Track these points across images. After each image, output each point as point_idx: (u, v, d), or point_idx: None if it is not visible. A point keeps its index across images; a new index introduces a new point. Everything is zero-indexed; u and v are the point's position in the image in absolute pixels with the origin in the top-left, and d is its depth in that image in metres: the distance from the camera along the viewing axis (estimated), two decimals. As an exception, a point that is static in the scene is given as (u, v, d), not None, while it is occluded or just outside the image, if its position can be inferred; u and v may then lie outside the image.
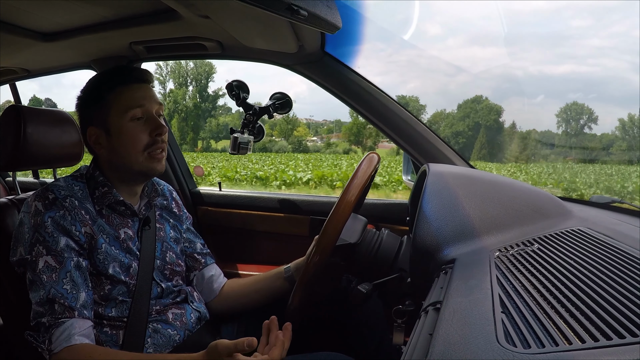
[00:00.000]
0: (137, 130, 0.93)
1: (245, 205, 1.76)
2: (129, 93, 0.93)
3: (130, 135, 0.92)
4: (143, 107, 0.93)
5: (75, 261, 0.86)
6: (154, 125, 0.94)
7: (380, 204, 1.59)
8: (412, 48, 32.14)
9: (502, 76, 24.95)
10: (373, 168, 0.97)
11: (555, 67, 23.66)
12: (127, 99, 0.93)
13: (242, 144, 1.35)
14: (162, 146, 0.96)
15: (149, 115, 0.94)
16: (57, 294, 0.82)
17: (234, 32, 1.18)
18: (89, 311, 0.85)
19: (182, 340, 0.97)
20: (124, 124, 0.92)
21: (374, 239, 1.03)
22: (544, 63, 24.65)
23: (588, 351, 0.38)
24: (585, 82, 21.06)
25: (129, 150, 0.93)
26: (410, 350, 0.49)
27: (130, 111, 0.92)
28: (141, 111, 0.93)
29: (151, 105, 0.94)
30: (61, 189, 0.91)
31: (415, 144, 1.40)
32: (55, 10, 1.14)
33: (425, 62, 29.93)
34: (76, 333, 0.81)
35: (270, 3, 0.75)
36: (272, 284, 1.12)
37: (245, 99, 1.37)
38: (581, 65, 22.85)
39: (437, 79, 26.92)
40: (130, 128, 0.92)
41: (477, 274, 0.62)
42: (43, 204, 0.88)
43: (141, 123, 0.93)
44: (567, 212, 0.89)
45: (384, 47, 34.19)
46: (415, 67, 29.45)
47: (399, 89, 26.60)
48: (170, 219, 1.10)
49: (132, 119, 0.92)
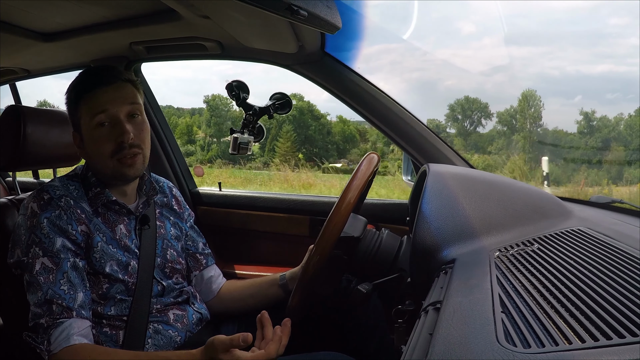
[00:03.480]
0: (102, 136, 0.90)
1: (245, 205, 1.75)
2: (94, 98, 0.91)
3: (95, 143, 0.91)
4: (106, 112, 0.90)
5: (71, 262, 0.86)
6: (119, 131, 0.90)
7: (380, 204, 1.59)
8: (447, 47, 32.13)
9: (539, 75, 24.95)
10: (373, 168, 0.97)
11: (593, 67, 23.69)
12: (92, 104, 0.91)
13: (242, 144, 1.35)
14: (132, 151, 0.91)
15: (114, 119, 0.91)
16: (54, 294, 0.82)
17: (234, 32, 1.18)
18: (87, 311, 0.85)
19: (183, 341, 0.97)
20: (91, 131, 0.91)
21: (374, 239, 1.03)
22: (581, 62, 24.78)
23: (588, 351, 0.38)
24: (623, 82, 20.98)
25: (97, 156, 0.92)
26: (410, 350, 0.49)
27: (95, 117, 0.90)
28: (105, 116, 0.90)
29: (118, 108, 0.91)
30: (56, 189, 0.90)
31: (415, 144, 1.40)
32: (55, 10, 1.14)
33: (460, 61, 30.05)
34: (75, 333, 0.81)
35: (270, 3, 0.75)
36: (267, 290, 1.12)
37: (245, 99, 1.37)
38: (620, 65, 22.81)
39: (473, 78, 26.96)
40: (96, 135, 0.91)
41: (477, 273, 0.62)
42: (38, 204, 0.87)
43: (107, 129, 0.90)
44: (567, 212, 0.89)
45: (419, 46, 34.28)
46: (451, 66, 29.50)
47: (437, 85, 26.83)
48: (170, 216, 1.10)
49: (97, 125, 0.90)
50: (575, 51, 21.28)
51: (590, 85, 20.51)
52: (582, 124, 17.37)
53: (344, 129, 18.05)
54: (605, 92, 22.02)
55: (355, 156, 16.40)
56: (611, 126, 16.95)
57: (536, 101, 18.11)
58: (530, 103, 18.05)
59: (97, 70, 0.96)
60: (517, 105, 17.98)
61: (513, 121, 18.22)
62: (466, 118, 18.76)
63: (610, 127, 16.96)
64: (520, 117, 18.04)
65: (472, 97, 19.23)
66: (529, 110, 17.78)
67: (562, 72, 20.83)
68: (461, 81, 22.38)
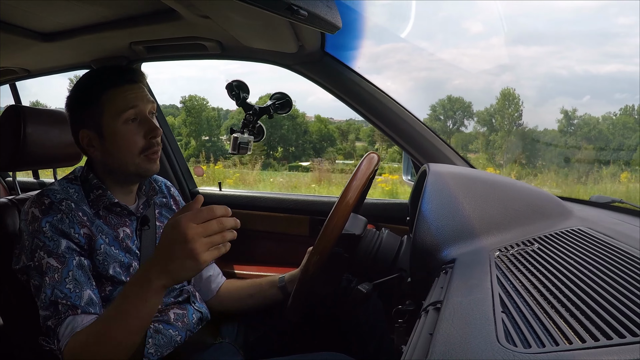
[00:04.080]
0: (132, 133, 0.91)
1: (245, 205, 1.76)
2: (122, 95, 0.91)
3: (125, 139, 0.91)
4: (136, 107, 0.91)
5: (77, 260, 0.85)
6: (148, 127, 0.92)
7: (380, 204, 1.59)
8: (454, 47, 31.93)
9: (546, 75, 24.70)
10: (373, 168, 0.97)
11: (601, 67, 23.34)
12: (120, 100, 0.91)
13: (242, 144, 1.35)
14: (158, 148, 0.95)
15: (142, 116, 0.93)
16: (59, 294, 0.82)
17: (234, 32, 1.18)
18: (95, 307, 0.84)
19: (184, 340, 0.97)
20: (118, 127, 0.91)
21: (374, 239, 1.03)
22: (589, 62, 24.45)
23: (588, 351, 0.38)
24: (631, 82, 20.64)
25: (124, 153, 0.92)
26: (411, 350, 0.49)
27: (124, 113, 0.90)
28: (134, 112, 0.91)
29: (144, 105, 0.93)
30: (56, 193, 0.90)
31: (415, 144, 1.40)
32: (55, 10, 1.14)
33: (468, 61, 29.62)
34: (79, 326, 0.80)
35: (270, 3, 0.75)
36: (266, 291, 1.12)
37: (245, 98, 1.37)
38: (628, 65, 22.47)
39: (481, 77, 26.68)
40: (125, 131, 0.91)
41: (478, 273, 0.62)
42: (39, 209, 0.87)
43: (135, 125, 0.92)
44: (567, 212, 0.89)
45: (426, 46, 33.90)
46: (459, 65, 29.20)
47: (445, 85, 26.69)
48: (169, 216, 1.10)
49: (125, 121, 0.91)
50: (583, 51, 21.13)
51: (599, 85, 20.35)
52: (562, 123, 17.60)
53: (321, 128, 18.17)
54: (614, 92, 21.84)
55: (331, 155, 16.88)
56: (592, 125, 17.11)
57: (515, 100, 18.23)
58: (508, 102, 18.20)
59: (116, 69, 0.96)
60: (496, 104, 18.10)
61: (493, 120, 18.38)
62: (448, 118, 18.80)
63: (590, 126, 17.11)
64: (498, 117, 18.22)
65: (455, 97, 19.36)
66: (508, 109, 17.93)
67: (570, 71, 20.69)
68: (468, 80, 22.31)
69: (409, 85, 22.43)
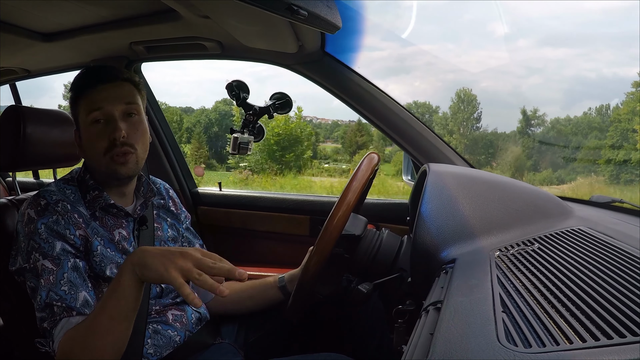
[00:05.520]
0: (96, 133, 0.91)
1: (245, 205, 1.76)
2: (92, 95, 0.91)
3: (89, 140, 0.92)
4: (102, 109, 0.90)
5: (72, 262, 0.85)
6: (111, 128, 0.91)
7: (380, 204, 1.59)
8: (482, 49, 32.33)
9: (574, 78, 24.80)
10: (373, 168, 0.97)
11: (629, 69, 23.33)
12: (89, 102, 0.91)
13: (242, 144, 1.35)
14: (124, 149, 0.91)
15: (109, 117, 0.91)
16: (54, 296, 0.81)
17: (234, 32, 1.18)
18: (90, 309, 0.83)
19: (183, 340, 0.97)
20: (87, 127, 0.92)
21: (374, 239, 1.03)
22: (617, 65, 24.47)
23: (589, 350, 0.37)
24: None
25: (91, 153, 0.93)
26: (411, 349, 0.49)
27: (90, 115, 0.91)
28: (100, 114, 0.91)
29: (112, 106, 0.91)
30: (53, 194, 0.90)
31: (415, 144, 1.40)
32: (55, 10, 1.14)
33: (495, 63, 29.89)
34: (72, 328, 0.80)
35: (270, 3, 0.75)
36: (265, 292, 1.12)
37: (245, 98, 1.37)
38: None
39: (508, 80, 27.02)
40: (91, 131, 0.92)
41: (478, 273, 0.62)
42: (35, 211, 0.87)
43: (101, 126, 0.91)
44: (568, 212, 0.89)
45: (452, 48, 34.22)
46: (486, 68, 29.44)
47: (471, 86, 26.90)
48: (167, 217, 1.09)
49: (92, 122, 0.91)
50: (611, 53, 21.00)
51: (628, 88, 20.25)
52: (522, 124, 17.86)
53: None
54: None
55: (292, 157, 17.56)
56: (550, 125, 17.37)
57: (473, 101, 18.46)
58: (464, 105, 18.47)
59: (97, 69, 0.96)
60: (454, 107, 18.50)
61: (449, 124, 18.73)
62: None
63: (548, 127, 17.36)
64: (451, 121, 18.49)
65: (421, 101, 19.96)
66: (463, 112, 18.23)
67: (598, 74, 20.55)
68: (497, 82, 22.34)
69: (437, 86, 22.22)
